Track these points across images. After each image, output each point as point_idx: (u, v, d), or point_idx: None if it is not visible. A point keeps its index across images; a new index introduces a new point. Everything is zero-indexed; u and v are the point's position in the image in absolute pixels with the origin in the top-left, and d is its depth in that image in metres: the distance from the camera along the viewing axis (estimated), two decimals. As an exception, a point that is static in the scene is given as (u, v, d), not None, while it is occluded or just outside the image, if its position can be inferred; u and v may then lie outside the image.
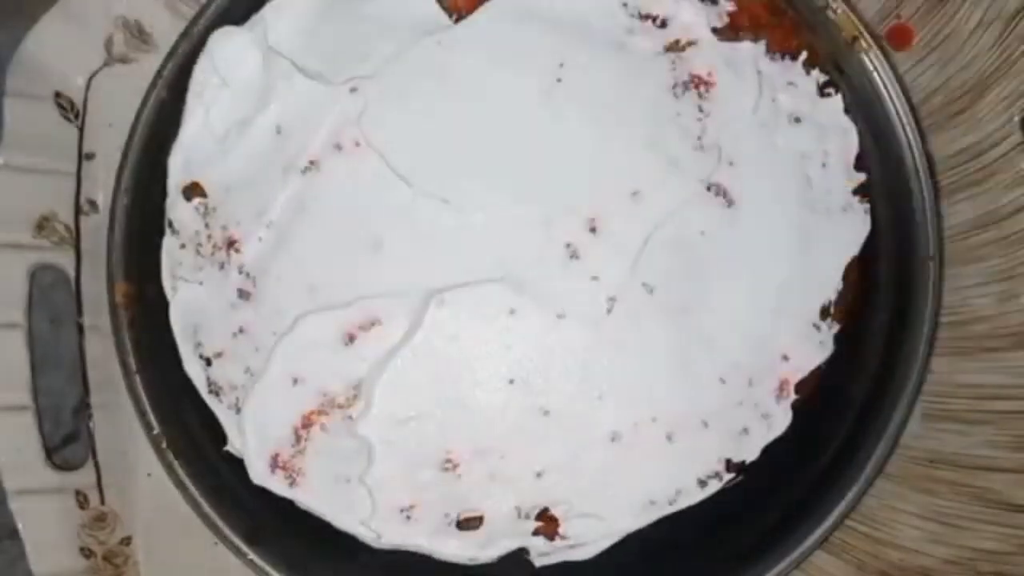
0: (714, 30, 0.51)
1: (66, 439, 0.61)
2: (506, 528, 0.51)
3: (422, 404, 0.50)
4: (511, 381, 0.50)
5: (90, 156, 0.60)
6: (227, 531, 0.52)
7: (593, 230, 0.50)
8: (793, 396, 0.51)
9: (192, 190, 0.52)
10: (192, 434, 0.54)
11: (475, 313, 0.50)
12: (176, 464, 0.53)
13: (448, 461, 0.50)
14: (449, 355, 0.50)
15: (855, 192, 0.52)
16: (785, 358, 0.51)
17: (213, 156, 0.51)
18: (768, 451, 0.51)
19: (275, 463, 0.51)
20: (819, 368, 0.52)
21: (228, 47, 0.51)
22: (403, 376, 0.50)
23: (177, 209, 0.52)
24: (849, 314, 0.52)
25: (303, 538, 0.52)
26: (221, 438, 0.52)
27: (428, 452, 0.50)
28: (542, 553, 0.52)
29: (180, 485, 0.53)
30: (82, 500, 0.58)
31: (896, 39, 0.57)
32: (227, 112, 0.51)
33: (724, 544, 0.53)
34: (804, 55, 0.52)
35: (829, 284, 0.51)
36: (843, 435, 0.53)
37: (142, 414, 0.53)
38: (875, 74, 0.52)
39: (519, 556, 0.52)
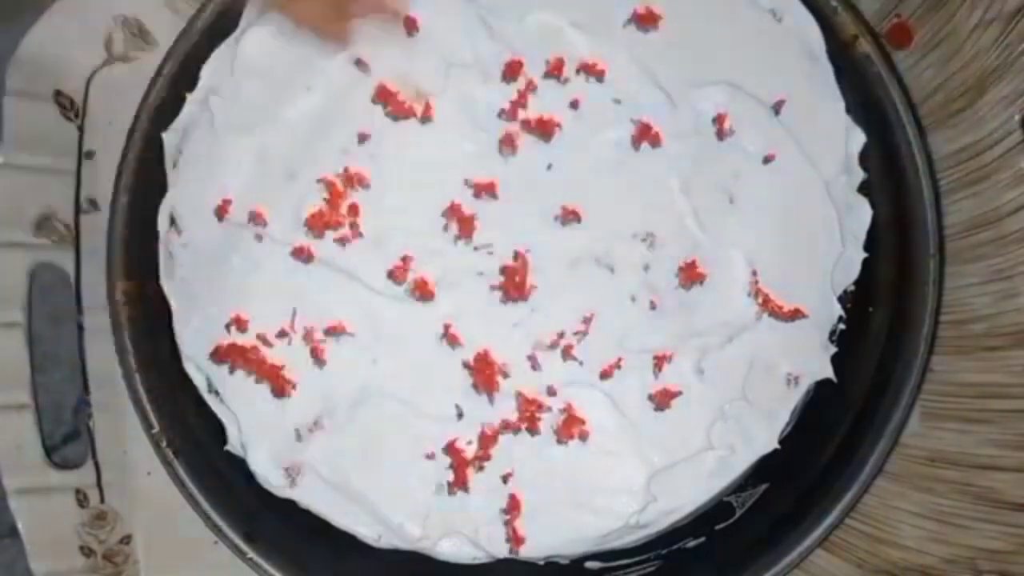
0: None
1: (66, 438, 0.61)
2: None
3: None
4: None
5: (90, 155, 0.60)
6: (227, 530, 0.52)
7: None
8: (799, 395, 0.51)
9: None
10: (192, 433, 0.54)
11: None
12: (176, 463, 0.53)
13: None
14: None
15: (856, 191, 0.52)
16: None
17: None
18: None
19: (276, 463, 0.51)
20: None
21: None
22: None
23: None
24: (849, 313, 0.52)
25: (302, 537, 0.52)
26: (221, 438, 0.52)
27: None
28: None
29: (180, 484, 0.53)
30: (82, 499, 0.58)
31: (896, 38, 0.57)
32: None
33: (724, 544, 0.53)
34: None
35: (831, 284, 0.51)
36: (843, 435, 0.53)
37: (142, 413, 0.53)
38: (875, 73, 0.52)
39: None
